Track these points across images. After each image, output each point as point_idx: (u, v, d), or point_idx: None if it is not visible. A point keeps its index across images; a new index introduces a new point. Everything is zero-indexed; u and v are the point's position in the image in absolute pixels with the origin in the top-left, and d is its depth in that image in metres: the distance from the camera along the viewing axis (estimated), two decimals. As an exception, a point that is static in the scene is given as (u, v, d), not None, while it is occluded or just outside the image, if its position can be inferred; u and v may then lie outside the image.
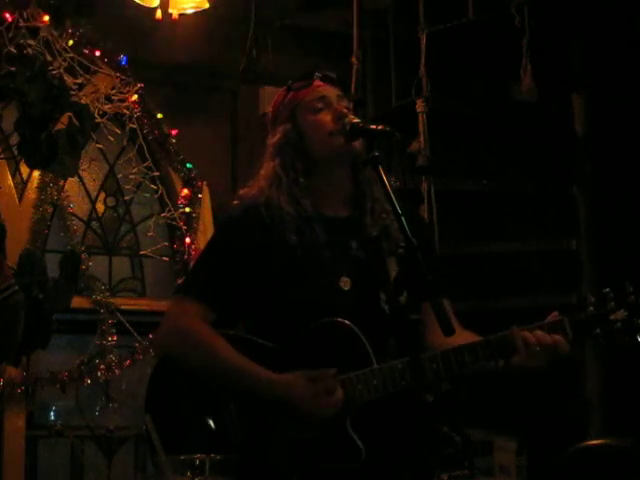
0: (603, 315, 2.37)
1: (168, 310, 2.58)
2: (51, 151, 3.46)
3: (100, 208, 4.95)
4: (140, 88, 4.69)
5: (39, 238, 4.57)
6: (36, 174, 4.58)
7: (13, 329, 3.18)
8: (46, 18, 4.25)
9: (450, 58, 4.62)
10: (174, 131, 4.82)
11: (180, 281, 4.54)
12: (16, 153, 3.87)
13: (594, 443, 3.32)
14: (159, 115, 4.77)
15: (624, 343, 2.35)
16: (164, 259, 4.84)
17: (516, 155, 4.70)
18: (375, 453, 2.38)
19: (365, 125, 2.45)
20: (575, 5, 4.44)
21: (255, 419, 2.41)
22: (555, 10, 4.43)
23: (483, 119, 4.63)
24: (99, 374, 4.53)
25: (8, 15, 4.12)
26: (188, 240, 4.76)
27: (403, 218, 2.23)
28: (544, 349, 2.34)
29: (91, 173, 4.89)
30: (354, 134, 2.45)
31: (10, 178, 4.60)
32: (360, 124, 2.45)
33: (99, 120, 4.49)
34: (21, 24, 4.05)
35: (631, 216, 4.45)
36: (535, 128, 4.66)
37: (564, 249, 4.53)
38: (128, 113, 4.66)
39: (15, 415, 4.47)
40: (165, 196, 4.77)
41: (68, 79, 4.25)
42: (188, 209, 4.79)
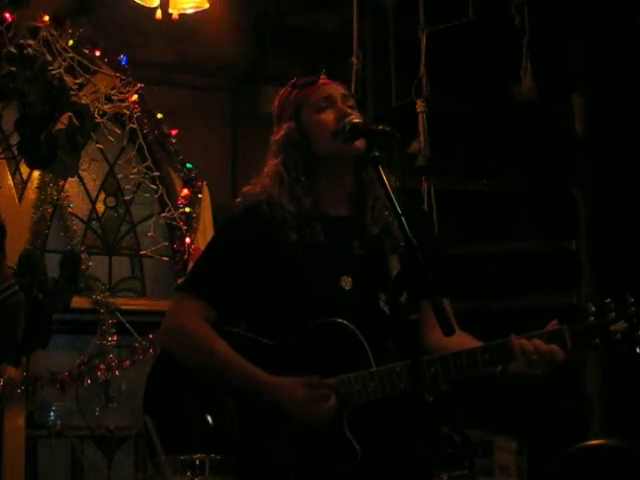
0: (603, 326, 2.35)
1: (169, 308, 2.58)
2: (51, 151, 3.45)
3: (100, 208, 4.96)
4: (140, 88, 4.69)
5: (39, 238, 4.58)
6: (36, 174, 4.59)
7: (13, 329, 3.17)
8: (46, 18, 4.25)
9: (450, 58, 4.61)
10: (174, 131, 4.82)
11: (181, 280, 4.54)
12: (16, 153, 3.86)
13: (594, 443, 3.32)
14: (159, 115, 4.78)
15: (623, 354, 2.34)
16: (164, 259, 4.84)
17: (516, 155, 4.70)
18: (372, 454, 2.38)
19: (365, 125, 2.45)
20: (575, 5, 4.43)
21: (252, 418, 2.41)
22: (555, 10, 4.43)
23: (483, 119, 4.62)
24: (99, 374, 4.54)
25: (8, 15, 4.12)
26: (188, 240, 4.76)
27: (403, 218, 2.23)
28: (542, 358, 2.33)
29: (91, 173, 4.89)
30: (354, 134, 2.44)
31: (10, 178, 4.60)
32: (360, 124, 2.45)
33: (99, 120, 4.49)
34: (21, 24, 4.05)
35: (631, 216, 4.45)
36: (535, 128, 4.65)
37: (564, 249, 4.52)
38: (128, 113, 4.66)
39: (15, 415, 4.47)
40: (165, 196, 4.78)
41: (68, 79, 4.26)
42: (188, 209, 4.79)
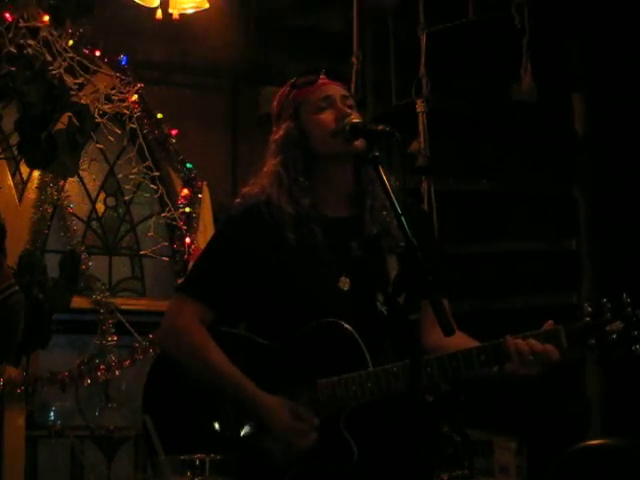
0: (599, 326, 2.34)
1: (167, 309, 2.59)
2: (51, 151, 3.45)
3: (100, 208, 4.95)
4: (140, 88, 4.69)
5: (39, 238, 4.57)
6: (36, 174, 4.58)
7: (13, 329, 3.17)
8: (46, 18, 4.25)
9: (450, 58, 4.61)
10: (174, 131, 4.81)
11: (180, 280, 4.54)
12: (16, 153, 3.87)
13: (594, 443, 3.31)
14: (159, 115, 4.77)
15: (619, 355, 2.33)
16: (164, 259, 4.83)
17: (516, 155, 4.70)
18: (370, 454, 2.38)
19: (365, 125, 2.45)
20: (575, 5, 4.44)
21: (249, 419, 2.42)
22: (555, 10, 4.43)
23: (483, 119, 4.63)
24: (99, 374, 4.53)
25: (8, 15, 4.11)
26: (188, 240, 4.76)
27: (403, 218, 2.23)
28: (537, 358, 2.33)
29: (91, 173, 4.89)
30: (354, 134, 2.44)
31: (10, 178, 4.60)
32: (360, 124, 2.45)
33: (99, 120, 4.48)
34: (21, 24, 4.05)
35: (631, 216, 4.45)
36: (535, 128, 4.65)
37: (564, 249, 4.52)
38: (128, 113, 4.66)
39: (15, 415, 4.47)
40: (165, 196, 4.77)
41: (68, 79, 4.25)
42: (188, 209, 4.79)
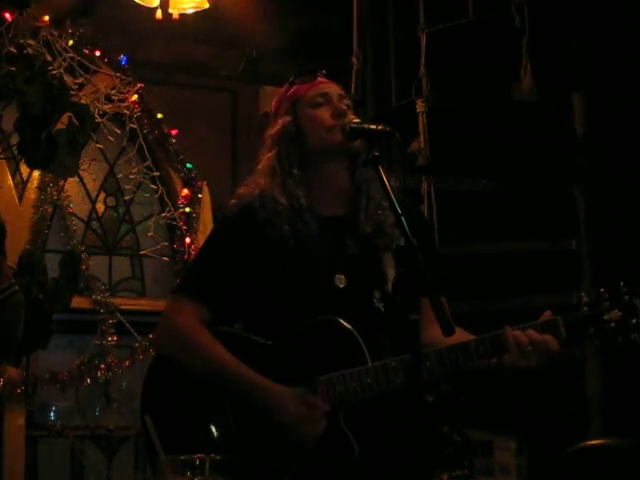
0: (597, 315, 2.35)
1: (164, 310, 2.60)
2: (51, 151, 3.45)
3: (100, 208, 4.95)
4: (140, 88, 4.69)
5: (39, 238, 4.57)
6: (36, 174, 4.59)
7: (13, 329, 3.17)
8: (46, 18, 4.25)
9: (450, 58, 4.62)
10: (174, 131, 4.82)
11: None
12: (16, 153, 3.86)
13: (594, 443, 3.31)
14: (159, 115, 4.78)
15: (618, 343, 2.33)
16: (164, 259, 4.84)
17: (516, 155, 4.70)
18: (370, 451, 2.38)
19: (365, 125, 2.45)
20: (575, 5, 4.44)
21: (249, 416, 2.42)
22: (555, 10, 4.43)
23: (483, 119, 4.63)
24: (99, 374, 4.54)
25: (8, 15, 4.11)
26: (188, 240, 4.76)
27: (403, 218, 2.23)
28: (536, 349, 2.33)
29: (91, 173, 4.89)
30: (354, 135, 2.45)
31: (10, 178, 4.60)
32: (360, 124, 2.45)
33: (99, 120, 4.48)
34: (21, 24, 4.05)
35: (631, 216, 4.45)
36: (535, 128, 4.65)
37: (564, 249, 4.52)
38: (128, 113, 4.66)
39: (15, 415, 4.47)
40: (165, 196, 4.77)
41: (68, 79, 4.25)
42: (188, 209, 4.79)
